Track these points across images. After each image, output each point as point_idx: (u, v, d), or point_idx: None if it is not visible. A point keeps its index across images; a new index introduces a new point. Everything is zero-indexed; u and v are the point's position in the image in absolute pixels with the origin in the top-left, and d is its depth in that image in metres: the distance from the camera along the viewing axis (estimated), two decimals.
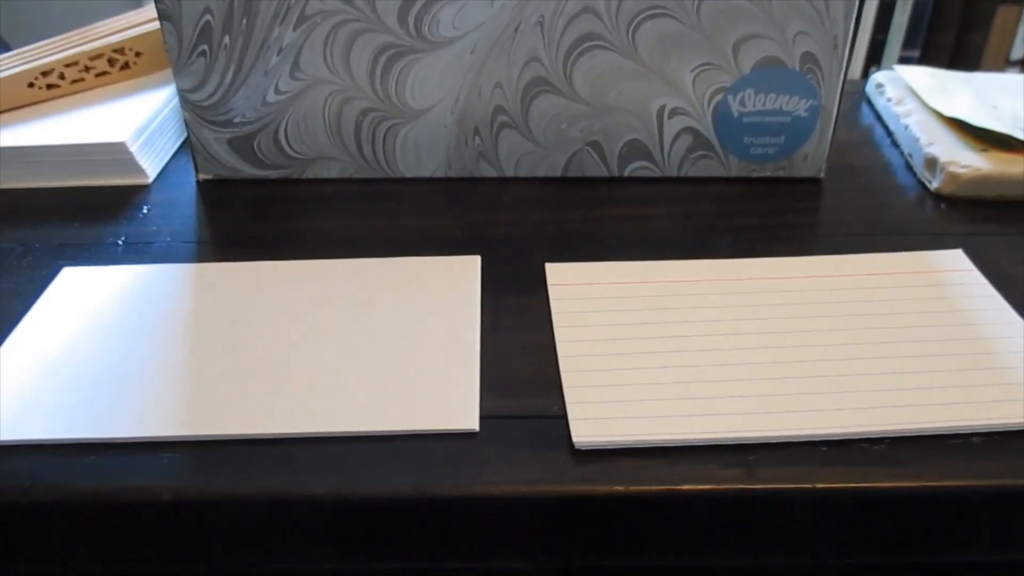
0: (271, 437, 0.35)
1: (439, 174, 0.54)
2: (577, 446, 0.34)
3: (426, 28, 0.48)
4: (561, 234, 0.49)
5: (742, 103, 0.50)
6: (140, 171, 0.54)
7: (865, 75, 1.99)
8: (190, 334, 0.41)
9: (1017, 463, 0.34)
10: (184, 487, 0.34)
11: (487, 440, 0.35)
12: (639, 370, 0.38)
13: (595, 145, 0.52)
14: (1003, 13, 1.93)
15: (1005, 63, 2.00)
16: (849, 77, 1.70)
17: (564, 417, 0.36)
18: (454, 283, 0.44)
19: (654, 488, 0.33)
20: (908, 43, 1.98)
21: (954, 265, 0.45)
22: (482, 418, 0.36)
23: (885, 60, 2.00)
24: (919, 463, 0.34)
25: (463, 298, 0.43)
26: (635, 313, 0.41)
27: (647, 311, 0.41)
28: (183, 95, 0.51)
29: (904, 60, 2.00)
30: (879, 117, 0.61)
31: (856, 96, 0.65)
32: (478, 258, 0.46)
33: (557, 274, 0.44)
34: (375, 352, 0.39)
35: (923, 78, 0.60)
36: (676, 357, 0.38)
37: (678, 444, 0.34)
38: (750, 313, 0.41)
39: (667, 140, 0.52)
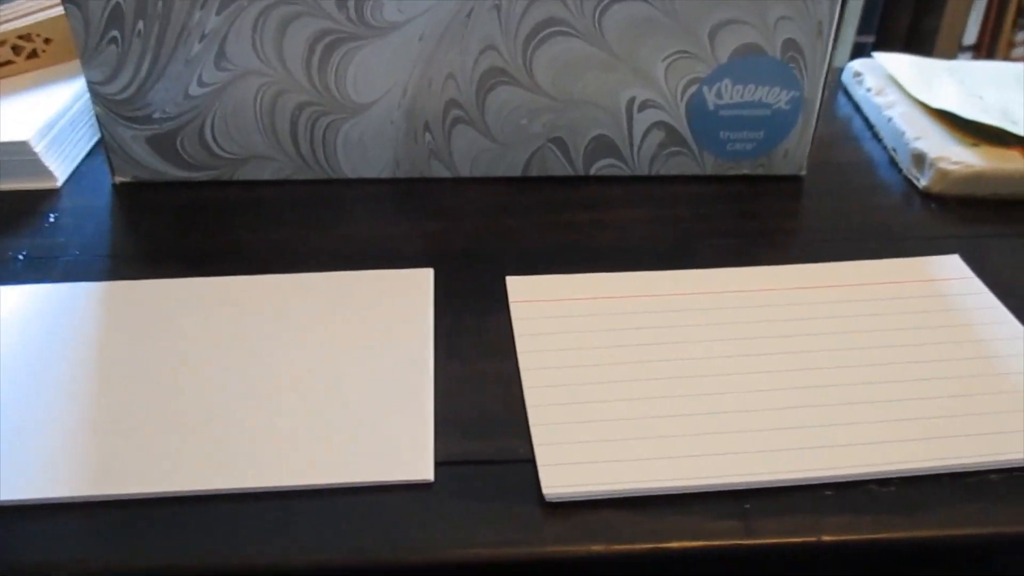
0: (190, 494, 0.30)
1: (386, 174, 0.48)
2: (548, 498, 0.30)
3: (368, 12, 0.43)
4: (523, 241, 0.44)
5: (718, 95, 0.46)
6: (47, 173, 0.48)
7: None
8: (99, 369, 0.35)
9: None
10: (90, 559, 0.28)
11: (444, 491, 0.30)
12: (615, 403, 0.33)
13: (558, 141, 0.47)
14: None
15: (958, 48, 2.00)
16: None
17: (532, 461, 0.31)
18: (404, 301, 0.39)
19: (637, 547, 0.29)
20: (863, 28, 1.96)
21: (952, 272, 0.41)
22: (437, 465, 0.31)
23: (840, 45, 1.98)
24: (936, 507, 0.30)
25: (415, 320, 0.38)
26: (608, 334, 0.37)
27: (621, 332, 0.37)
28: (93, 88, 0.45)
29: (859, 45, 1.99)
30: (858, 108, 0.57)
31: (832, 85, 0.61)
32: (430, 272, 0.41)
33: (519, 289, 0.39)
34: (314, 389, 0.34)
35: (905, 67, 0.56)
36: (657, 387, 0.34)
37: (664, 492, 0.30)
38: (735, 333, 0.37)
39: (637, 136, 0.47)
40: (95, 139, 0.53)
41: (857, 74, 0.58)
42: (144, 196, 0.48)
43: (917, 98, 0.52)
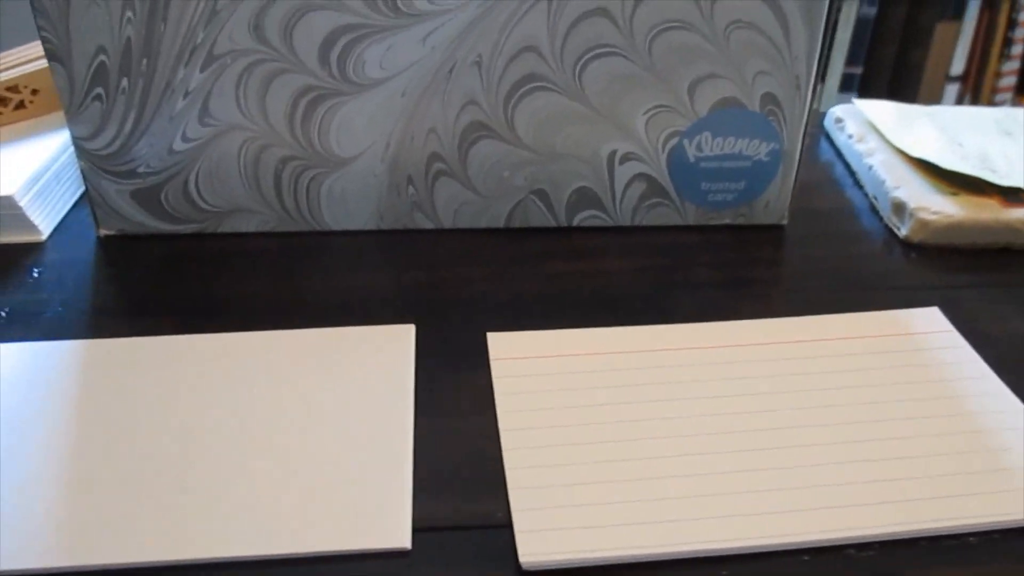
0: (164, 565, 0.30)
1: (370, 226, 0.49)
2: (525, 566, 0.29)
3: (350, 69, 0.44)
4: (504, 294, 0.44)
5: (699, 147, 0.46)
6: (32, 228, 0.48)
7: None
8: (75, 433, 0.35)
9: (1021, 567, 0.30)
10: None
11: (421, 559, 0.30)
12: (594, 465, 0.33)
13: (541, 193, 0.48)
14: (942, 30, 1.95)
15: (945, 78, 2.02)
16: None
17: (510, 526, 0.31)
18: (385, 358, 0.39)
19: None
20: (851, 59, 1.99)
21: (931, 326, 0.41)
22: (415, 531, 0.31)
23: (829, 77, 2.00)
24: (914, 572, 0.30)
25: (395, 378, 0.38)
26: (588, 393, 0.37)
27: (601, 391, 0.37)
28: (78, 143, 0.46)
29: (847, 76, 2.01)
30: (839, 154, 0.58)
31: (814, 131, 0.61)
32: (412, 328, 0.41)
33: (500, 346, 0.39)
34: (292, 453, 0.34)
35: (885, 113, 0.57)
36: (636, 448, 0.34)
37: (642, 560, 0.30)
38: (715, 391, 0.37)
39: (619, 187, 0.47)
40: (80, 191, 0.53)
41: (839, 120, 0.59)
42: (128, 248, 0.48)
43: (897, 146, 0.53)
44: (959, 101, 2.07)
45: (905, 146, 0.52)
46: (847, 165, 0.56)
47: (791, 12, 0.43)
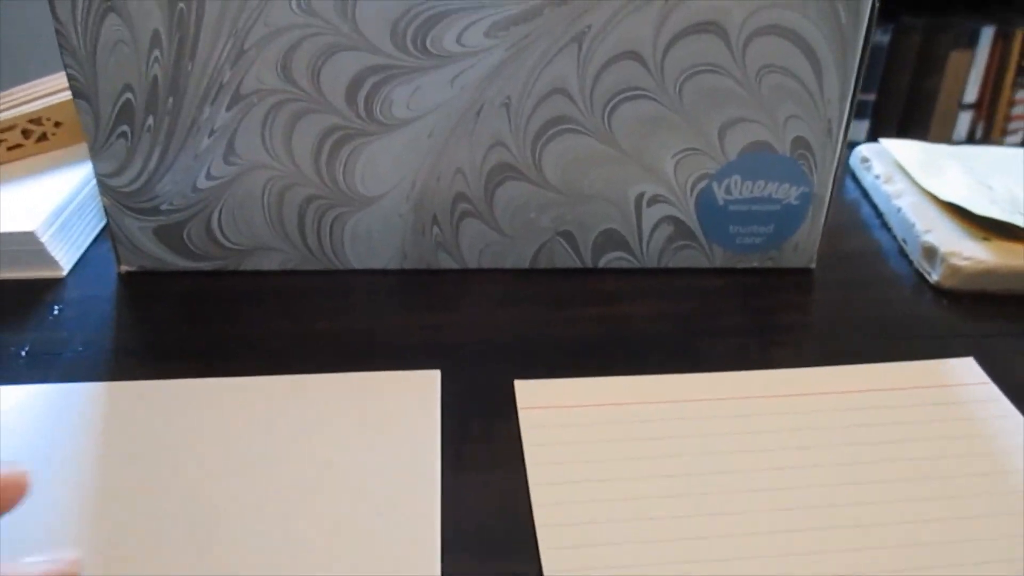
0: None
1: (393, 266, 0.48)
2: None
3: (377, 109, 0.43)
4: (530, 339, 0.43)
5: (728, 190, 0.46)
6: (53, 263, 0.48)
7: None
8: (95, 479, 0.34)
9: None
10: None
11: None
12: (627, 523, 0.32)
13: (567, 235, 0.47)
14: (955, 58, 1.95)
15: (959, 106, 2.02)
16: None
17: None
18: (411, 407, 0.38)
19: None
20: (865, 86, 1.98)
21: (967, 377, 0.40)
22: None
23: None
24: None
25: (421, 427, 0.37)
26: (619, 446, 0.36)
27: (632, 443, 0.36)
28: (102, 180, 0.45)
29: (860, 103, 2.01)
30: (866, 194, 0.57)
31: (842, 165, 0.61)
32: (437, 374, 0.40)
33: (528, 394, 0.39)
34: (316, 507, 0.33)
35: (912, 154, 0.56)
36: (668, 506, 0.33)
37: None
38: (745, 445, 0.36)
39: (646, 229, 0.47)
40: (101, 225, 0.52)
41: (865, 160, 0.58)
42: (149, 285, 0.48)
43: (925, 188, 0.52)
44: (972, 129, 2.07)
45: (934, 189, 0.51)
46: (874, 206, 0.56)
47: (824, 57, 0.42)
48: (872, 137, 2.04)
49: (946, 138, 2.05)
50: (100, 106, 0.43)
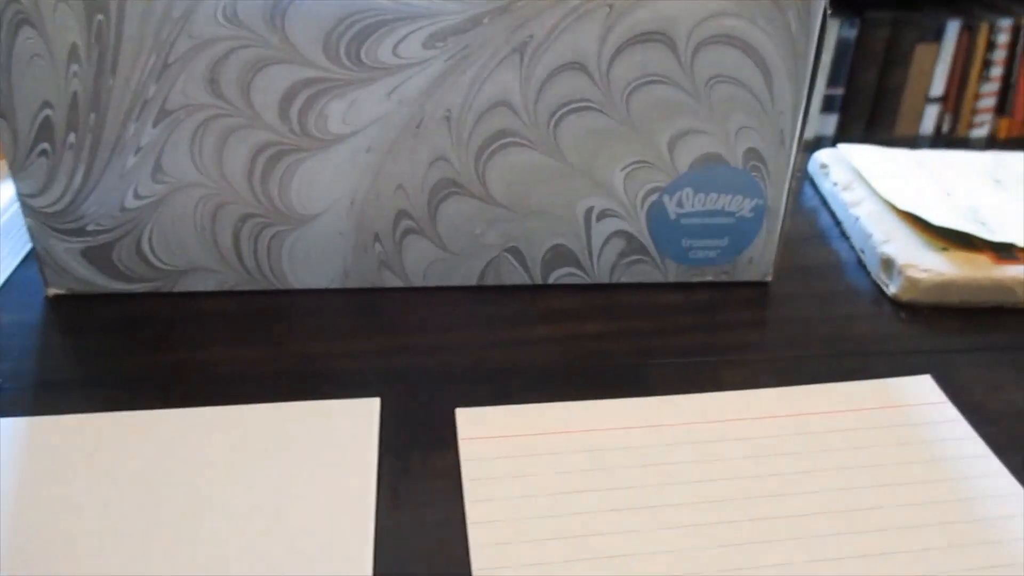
0: None
1: (335, 285, 0.46)
2: None
3: (312, 124, 0.41)
4: (476, 361, 0.42)
5: (679, 204, 0.44)
6: None
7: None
8: (17, 519, 0.32)
9: None
10: None
11: None
12: (572, 564, 0.31)
13: (514, 251, 0.45)
14: (921, 52, 1.95)
15: (925, 100, 2.03)
16: None
17: None
18: (347, 439, 0.36)
19: None
20: (832, 80, 1.99)
21: (923, 397, 0.39)
22: None
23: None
24: None
25: (356, 461, 0.35)
26: (564, 478, 0.34)
27: (578, 475, 0.34)
28: (24, 200, 0.43)
29: (828, 98, 2.01)
30: (824, 202, 0.56)
31: (797, 176, 0.60)
32: (376, 402, 0.38)
33: (470, 423, 0.37)
34: (237, 549, 0.31)
35: (871, 161, 0.55)
36: (618, 544, 0.32)
37: None
38: (694, 475, 0.35)
39: (596, 245, 0.45)
40: (29, 247, 0.50)
41: (824, 166, 0.57)
42: (79, 309, 0.45)
43: (884, 196, 0.51)
44: (939, 122, 2.07)
45: (892, 197, 0.50)
46: (832, 214, 0.55)
47: (775, 67, 0.41)
48: (840, 131, 2.04)
49: (913, 131, 2.06)
50: (18, 123, 0.41)
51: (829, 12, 0.40)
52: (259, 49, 0.39)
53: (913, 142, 2.30)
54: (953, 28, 1.94)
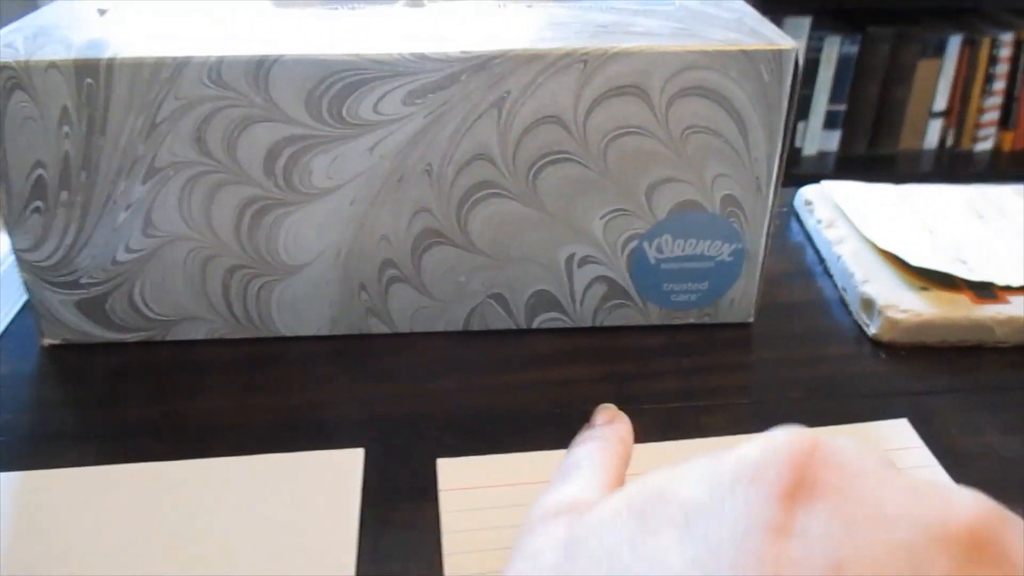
0: None
1: (323, 332, 0.47)
2: None
3: (296, 179, 0.42)
4: (463, 409, 0.42)
5: (659, 249, 0.45)
6: None
7: (793, 129, 1.99)
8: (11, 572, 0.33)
9: None
10: None
11: None
12: None
13: (498, 297, 0.46)
14: (924, 67, 1.96)
15: (928, 115, 2.03)
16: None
17: None
18: (331, 490, 0.37)
19: None
20: (834, 97, 1.99)
21: (899, 441, 0.40)
22: None
23: (812, 115, 2.01)
24: None
25: (338, 515, 0.36)
26: None
27: None
28: (19, 255, 0.44)
29: (831, 114, 2.01)
30: (810, 238, 0.57)
31: (785, 212, 0.60)
32: (360, 453, 0.39)
33: (451, 474, 0.38)
34: None
35: (854, 198, 0.56)
36: None
37: None
38: None
39: (578, 290, 0.46)
40: (24, 298, 0.51)
41: (808, 203, 0.58)
42: (74, 359, 0.46)
43: (865, 235, 0.51)
44: (943, 136, 2.07)
45: (873, 236, 0.51)
46: (817, 251, 0.55)
47: (749, 117, 0.42)
48: (844, 146, 2.04)
49: (917, 146, 2.05)
50: (12, 182, 0.42)
51: (801, 63, 0.41)
52: (244, 108, 0.41)
53: (917, 156, 2.29)
54: (955, 43, 1.94)
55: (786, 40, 0.41)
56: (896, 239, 0.50)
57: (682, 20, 0.44)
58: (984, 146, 2.03)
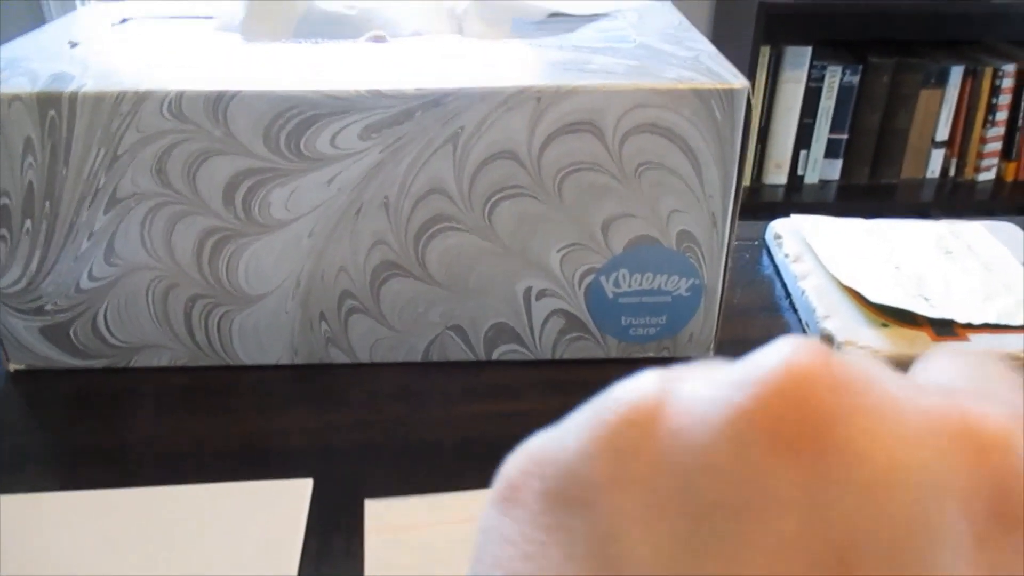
0: None
1: (284, 361, 0.47)
2: None
3: (256, 210, 0.43)
4: (415, 441, 0.43)
5: (616, 283, 0.45)
6: None
7: (794, 158, 1.99)
8: None
9: None
10: None
11: None
12: None
13: (457, 329, 0.47)
14: (926, 96, 1.96)
15: (931, 144, 2.03)
16: (777, 161, 1.70)
17: None
18: (277, 520, 0.37)
19: None
20: (835, 126, 2.00)
21: None
22: None
23: (815, 143, 2.01)
24: None
25: (283, 544, 0.36)
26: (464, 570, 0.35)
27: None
28: None
29: (832, 142, 2.02)
30: (779, 272, 0.57)
31: (756, 245, 0.60)
32: (309, 483, 0.40)
33: (378, 515, 0.38)
34: None
35: (821, 233, 0.56)
36: None
37: None
38: None
39: (536, 322, 0.46)
40: None
41: (777, 236, 0.58)
42: (39, 384, 0.47)
43: (828, 270, 0.52)
44: (945, 166, 2.07)
45: (836, 271, 0.51)
46: (784, 285, 0.55)
47: (702, 153, 0.42)
48: (845, 175, 2.04)
49: (919, 175, 2.05)
50: None
51: (752, 98, 0.41)
52: (203, 141, 0.41)
53: (919, 185, 2.29)
54: (957, 73, 1.95)
55: (739, 79, 0.41)
56: (859, 275, 0.50)
57: (639, 58, 0.44)
58: (987, 176, 2.03)
